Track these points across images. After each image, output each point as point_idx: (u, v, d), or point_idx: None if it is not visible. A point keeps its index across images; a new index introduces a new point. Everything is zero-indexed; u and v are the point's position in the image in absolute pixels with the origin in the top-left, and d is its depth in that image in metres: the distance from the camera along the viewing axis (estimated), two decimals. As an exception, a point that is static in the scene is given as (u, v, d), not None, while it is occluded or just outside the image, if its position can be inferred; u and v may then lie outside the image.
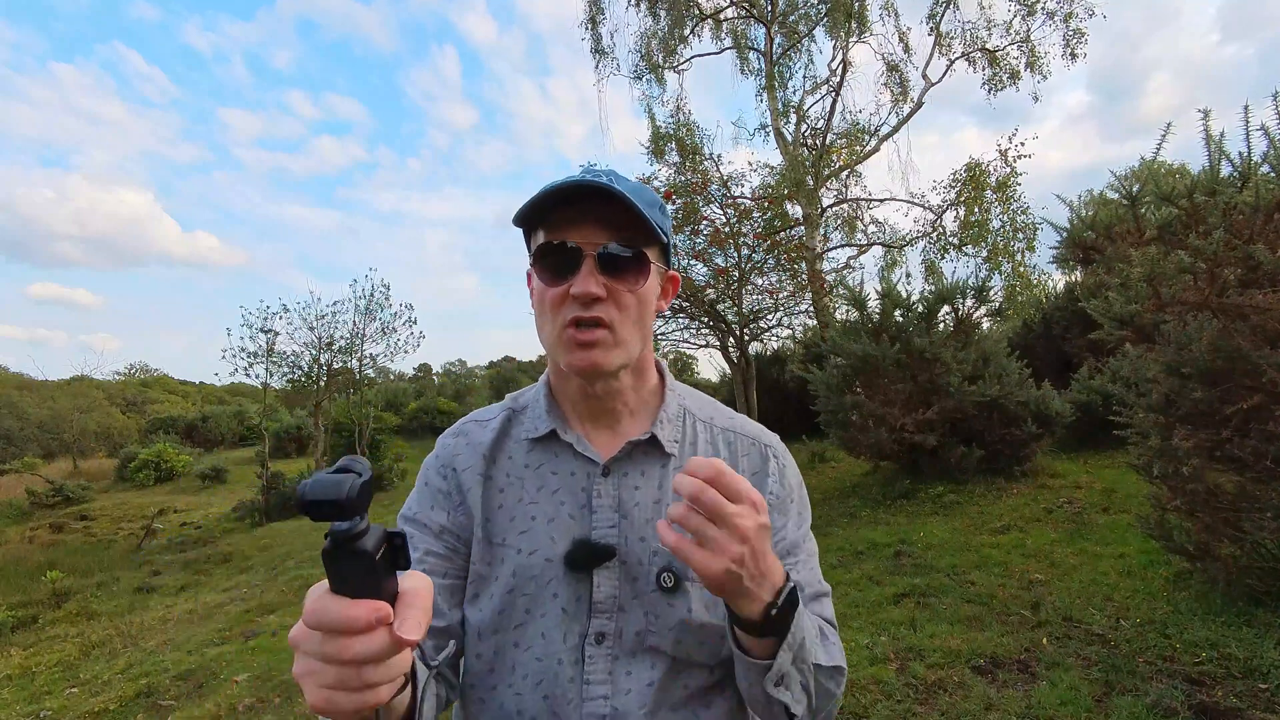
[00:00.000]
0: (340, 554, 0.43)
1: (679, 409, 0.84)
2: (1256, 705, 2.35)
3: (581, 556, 0.73)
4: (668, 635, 0.72)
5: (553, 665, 0.71)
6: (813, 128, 14.53)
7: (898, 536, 5.03)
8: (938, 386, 6.22)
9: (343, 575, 0.44)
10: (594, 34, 14.67)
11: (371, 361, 15.88)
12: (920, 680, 2.84)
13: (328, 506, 0.41)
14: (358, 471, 0.43)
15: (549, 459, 0.79)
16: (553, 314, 0.74)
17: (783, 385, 11.83)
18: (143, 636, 5.62)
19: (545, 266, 0.73)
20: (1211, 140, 3.02)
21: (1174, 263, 2.94)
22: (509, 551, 0.75)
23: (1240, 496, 2.95)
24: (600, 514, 0.75)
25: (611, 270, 0.72)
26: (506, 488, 0.79)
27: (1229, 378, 2.88)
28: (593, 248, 0.71)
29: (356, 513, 0.42)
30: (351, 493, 0.41)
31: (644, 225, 0.71)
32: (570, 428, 0.80)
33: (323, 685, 0.45)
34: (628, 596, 0.73)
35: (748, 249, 11.14)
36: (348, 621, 0.43)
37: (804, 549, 0.83)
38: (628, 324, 0.74)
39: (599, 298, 0.71)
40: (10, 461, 22.96)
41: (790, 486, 0.84)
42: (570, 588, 0.73)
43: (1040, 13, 12.54)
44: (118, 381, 40.30)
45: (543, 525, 0.76)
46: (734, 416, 0.88)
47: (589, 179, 0.69)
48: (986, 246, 12.64)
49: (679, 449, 0.80)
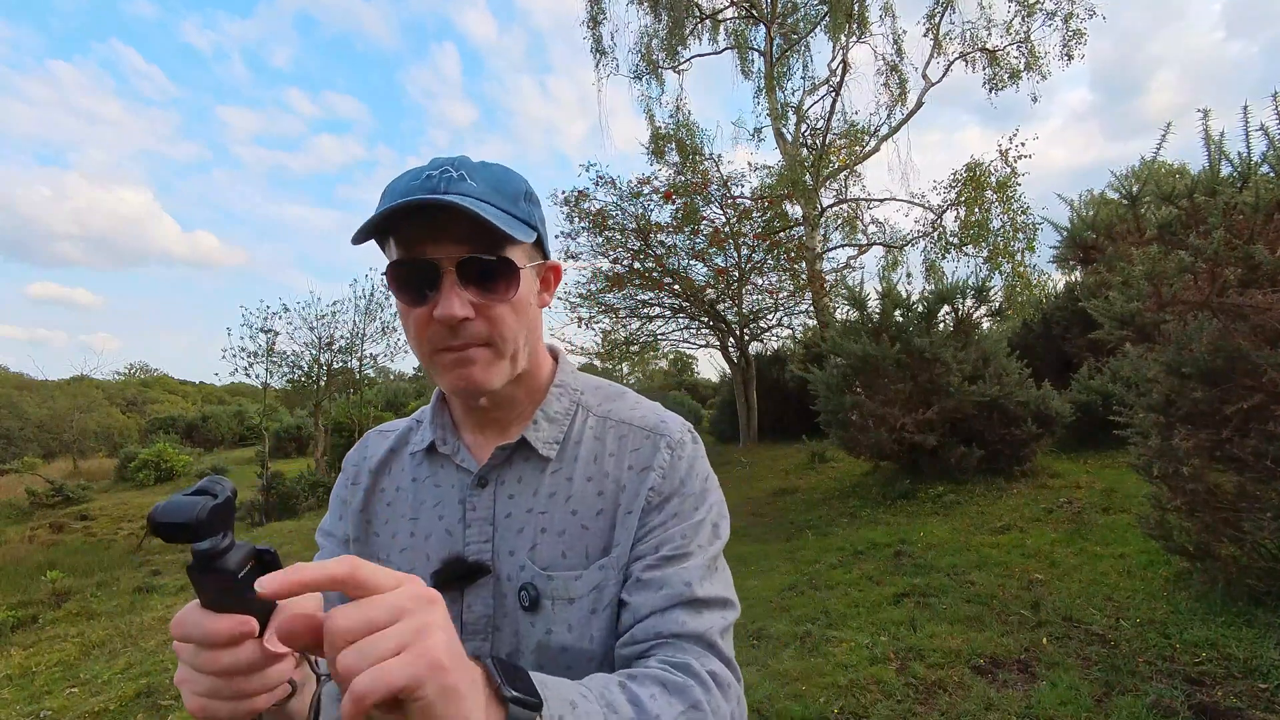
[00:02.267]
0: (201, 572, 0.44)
1: (569, 405, 0.76)
2: (1256, 705, 2.35)
3: (451, 575, 0.68)
4: (530, 658, 0.67)
5: None
6: (812, 128, 14.54)
7: (898, 536, 5.03)
8: (938, 386, 6.22)
9: (206, 591, 0.45)
10: (594, 33, 14.69)
11: (372, 361, 15.89)
12: (920, 680, 2.84)
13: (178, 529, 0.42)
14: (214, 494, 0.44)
15: (434, 472, 0.75)
16: (418, 337, 0.66)
17: (783, 385, 11.82)
18: (143, 636, 5.62)
19: (401, 285, 0.65)
20: (1211, 140, 3.02)
21: (1174, 262, 2.94)
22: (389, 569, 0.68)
23: (1240, 496, 2.95)
24: (474, 528, 0.71)
25: (477, 282, 0.64)
26: (394, 501, 0.75)
27: (1229, 378, 2.88)
28: (451, 261, 0.63)
29: (211, 534, 0.43)
30: (201, 515, 0.42)
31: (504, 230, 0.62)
32: (459, 437, 0.76)
33: (197, 694, 0.46)
34: (501, 615, 0.68)
35: (748, 249, 11.15)
36: (209, 635, 0.44)
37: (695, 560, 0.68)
38: (506, 336, 0.67)
39: (466, 318, 0.63)
40: (10, 461, 22.96)
41: (678, 481, 0.71)
42: None
43: (1040, 13, 12.55)
44: (118, 381, 40.30)
45: (420, 542, 0.72)
46: (640, 404, 0.78)
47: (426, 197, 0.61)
48: (987, 246, 12.64)
49: (559, 450, 0.73)
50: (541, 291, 0.75)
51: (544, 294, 0.75)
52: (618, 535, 0.69)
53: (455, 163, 0.66)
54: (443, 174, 0.64)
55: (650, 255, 11.39)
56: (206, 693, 0.46)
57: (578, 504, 0.71)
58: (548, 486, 0.71)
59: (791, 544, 5.52)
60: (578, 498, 0.71)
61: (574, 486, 0.71)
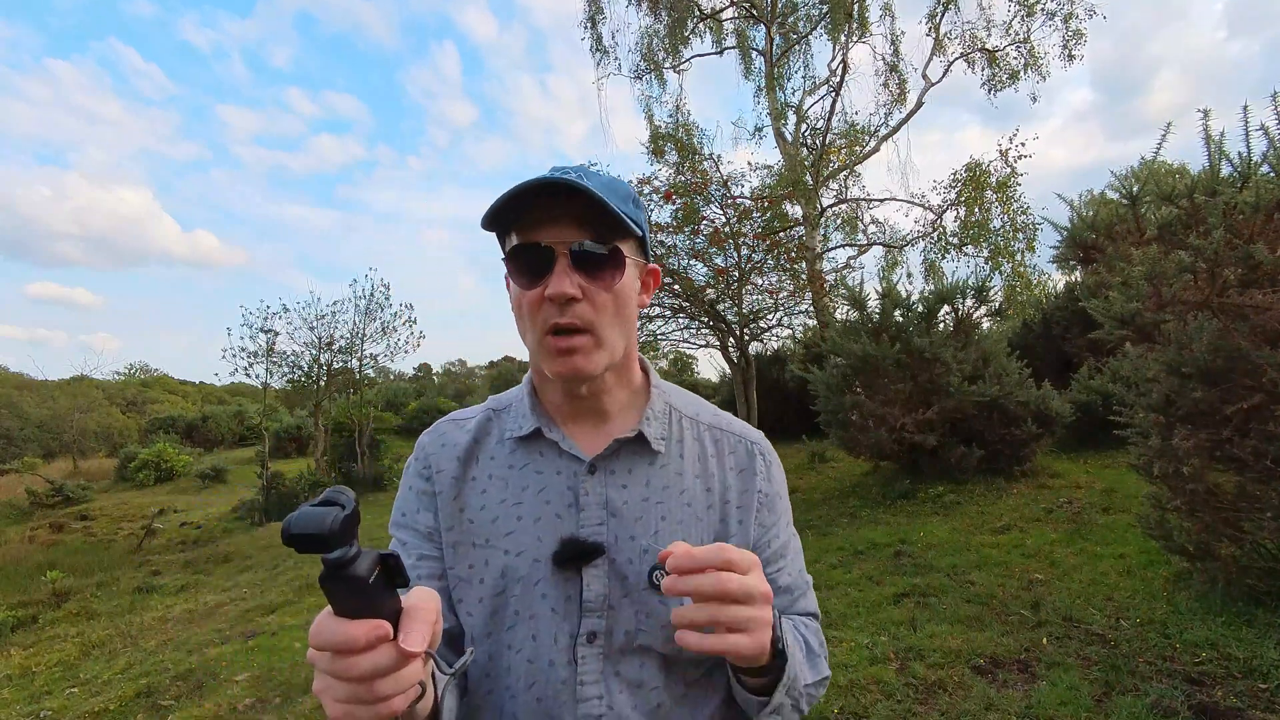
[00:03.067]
0: (334, 581, 0.45)
1: (665, 406, 0.83)
2: (1256, 705, 2.35)
3: (569, 555, 0.72)
4: (659, 634, 0.72)
5: (544, 667, 0.71)
6: (812, 128, 14.54)
7: (898, 536, 5.03)
8: (938, 386, 6.22)
9: (340, 600, 0.46)
10: (594, 33, 14.69)
11: (372, 361, 15.89)
12: (920, 680, 2.84)
13: (312, 541, 0.43)
14: (341, 504, 0.45)
15: (533, 458, 0.78)
16: (531, 318, 0.73)
17: (783, 385, 11.82)
18: (143, 636, 5.62)
19: (519, 269, 0.72)
20: (1211, 140, 3.02)
21: (1174, 262, 2.94)
22: (494, 553, 0.74)
23: (1240, 496, 2.95)
24: (588, 512, 0.75)
25: (586, 268, 0.70)
26: (489, 488, 0.78)
27: (1229, 377, 2.88)
28: (565, 246, 0.70)
29: (342, 544, 0.44)
30: (334, 526, 0.43)
31: (617, 220, 0.70)
32: (555, 426, 0.79)
33: (338, 700, 0.48)
34: (618, 595, 0.73)
35: (748, 249, 11.14)
36: (347, 641, 0.45)
37: (792, 547, 0.85)
38: (607, 324, 0.73)
39: (575, 298, 0.69)
40: (10, 461, 22.96)
41: (777, 484, 0.84)
42: (559, 588, 0.72)
43: (1040, 13, 12.55)
44: (118, 381, 40.28)
45: (529, 525, 0.75)
46: (719, 414, 0.88)
47: (555, 176, 0.68)
48: (986, 246, 12.65)
49: (666, 446, 0.80)
50: (641, 292, 0.80)
51: (643, 294, 0.81)
52: (731, 528, 0.80)
53: (575, 168, 0.73)
54: (564, 172, 0.70)
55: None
56: (347, 698, 0.48)
57: (690, 497, 0.79)
58: (659, 479, 0.78)
59: (791, 544, 5.51)
60: (690, 491, 0.79)
61: (685, 481, 0.79)
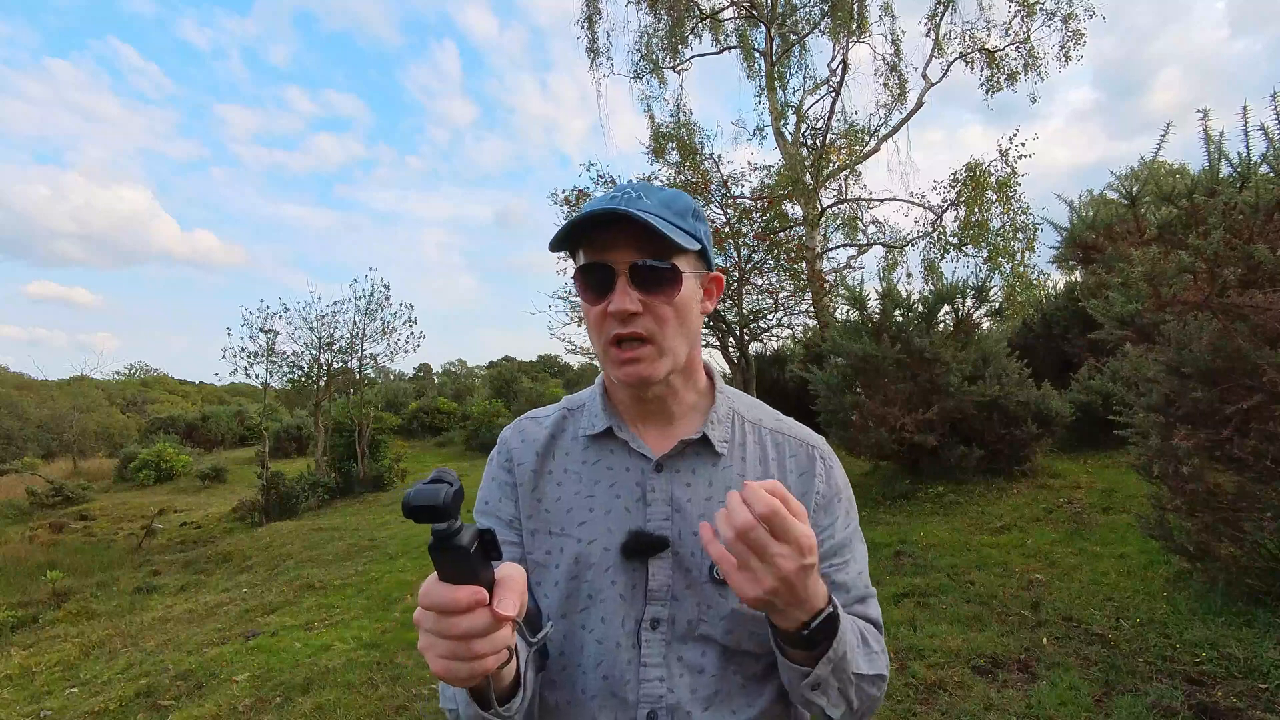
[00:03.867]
0: (441, 549, 0.51)
1: (728, 411, 0.88)
2: (1256, 705, 2.35)
3: (637, 546, 0.78)
4: (719, 624, 0.77)
5: (611, 648, 0.77)
6: (812, 128, 14.54)
7: (898, 536, 5.03)
8: (938, 386, 6.22)
9: (445, 567, 0.53)
10: (590, 33, 14.68)
11: (372, 361, 15.87)
12: (920, 680, 2.84)
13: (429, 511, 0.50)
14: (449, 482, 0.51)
15: (605, 455, 0.84)
16: (597, 331, 0.79)
17: (783, 385, 11.81)
18: (143, 636, 5.61)
19: (585, 286, 0.78)
20: (1211, 140, 3.02)
21: (1174, 262, 2.94)
22: (569, 541, 0.81)
23: (1240, 496, 2.95)
24: (654, 507, 0.80)
25: (645, 285, 0.76)
26: (564, 481, 0.84)
27: (1229, 378, 2.88)
28: (625, 265, 0.75)
29: (451, 516, 0.51)
30: (447, 499, 0.50)
31: (672, 239, 0.74)
32: (625, 426, 0.84)
33: (440, 656, 0.54)
34: (681, 586, 0.78)
35: (748, 249, 11.14)
36: (451, 602, 0.52)
37: (851, 549, 0.86)
38: (669, 333, 0.77)
39: (635, 313, 0.75)
40: (10, 461, 22.95)
41: (837, 486, 0.87)
42: (627, 575, 0.78)
43: (1040, 13, 12.55)
44: (118, 381, 40.29)
45: (600, 516, 0.81)
46: (781, 419, 0.91)
47: (612, 206, 0.73)
48: (986, 247, 12.64)
49: (729, 449, 0.84)
50: (704, 299, 0.84)
51: (706, 301, 0.85)
52: None
53: (636, 186, 0.79)
54: (624, 194, 0.77)
55: (650, 255, 11.33)
56: (448, 654, 0.54)
57: None
58: (722, 479, 0.82)
59: (791, 544, 5.51)
60: None
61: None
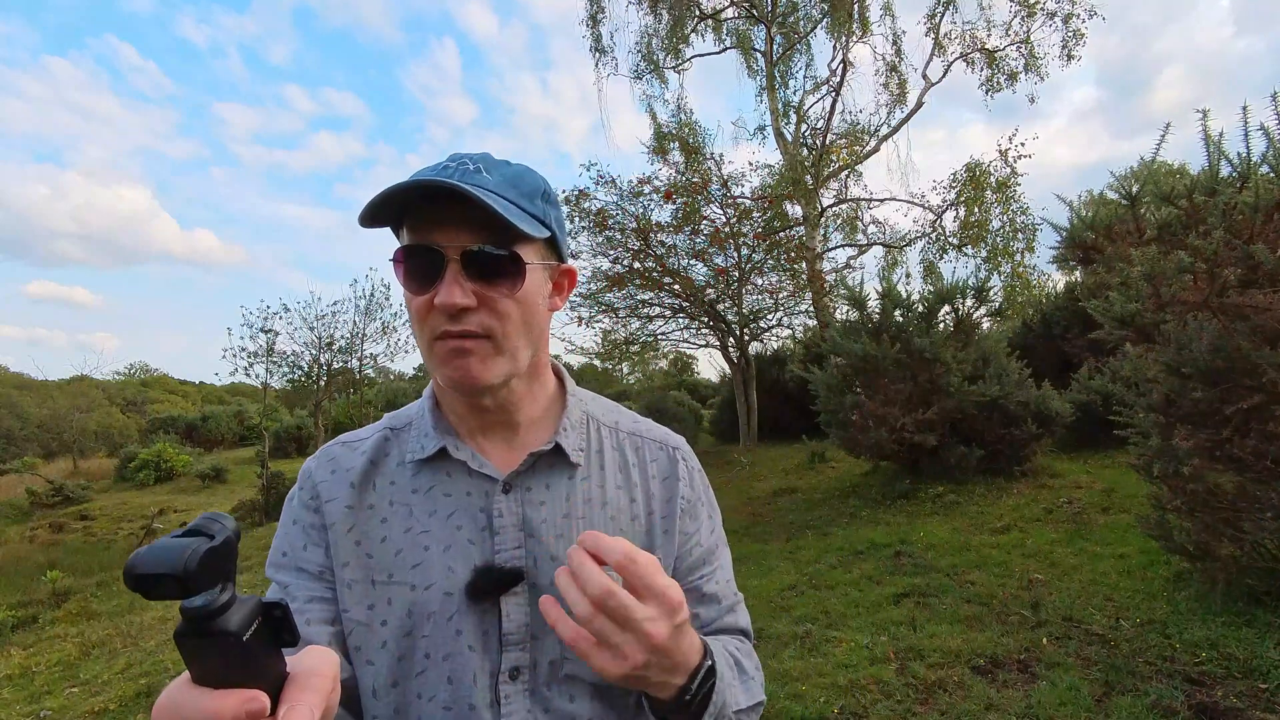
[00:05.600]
0: (196, 635, 0.35)
1: (582, 415, 0.78)
2: (1256, 705, 2.35)
3: (486, 584, 0.66)
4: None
5: (464, 712, 0.64)
6: (812, 128, 14.54)
7: (898, 536, 5.03)
8: (938, 386, 6.22)
9: (203, 662, 0.36)
10: (594, 32, 14.69)
11: (372, 361, 15.87)
12: (920, 680, 2.84)
13: (164, 581, 0.33)
14: (209, 533, 0.36)
15: (439, 480, 0.71)
16: (419, 325, 0.66)
17: (783, 385, 11.82)
18: (143, 636, 5.61)
19: (407, 272, 0.65)
20: (1211, 140, 3.02)
21: (1174, 262, 2.94)
22: (399, 589, 0.66)
23: (1240, 496, 2.95)
24: (504, 535, 0.68)
25: (482, 275, 0.63)
26: (390, 517, 0.69)
27: (1229, 378, 2.87)
28: (456, 250, 0.62)
29: (206, 586, 0.35)
30: (191, 565, 0.33)
31: (513, 223, 0.62)
32: (462, 443, 0.72)
33: None
34: (540, 623, 0.66)
35: (748, 249, 11.15)
36: (209, 717, 0.36)
37: (718, 555, 0.80)
38: (510, 331, 0.66)
39: (466, 307, 0.63)
40: (10, 461, 22.95)
41: (699, 489, 0.80)
42: (475, 621, 0.66)
43: (1040, 13, 12.54)
44: (118, 381, 40.27)
45: (438, 555, 0.67)
46: (639, 420, 0.83)
47: (442, 179, 0.61)
48: (986, 247, 12.64)
49: (585, 458, 0.75)
50: (553, 295, 0.74)
51: (555, 297, 0.74)
52: (658, 539, 0.75)
53: (475, 157, 0.67)
54: (459, 166, 0.65)
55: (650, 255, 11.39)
56: None
57: (614, 510, 0.74)
58: (581, 493, 0.73)
59: (791, 544, 5.52)
60: (613, 504, 0.74)
61: (607, 493, 0.75)
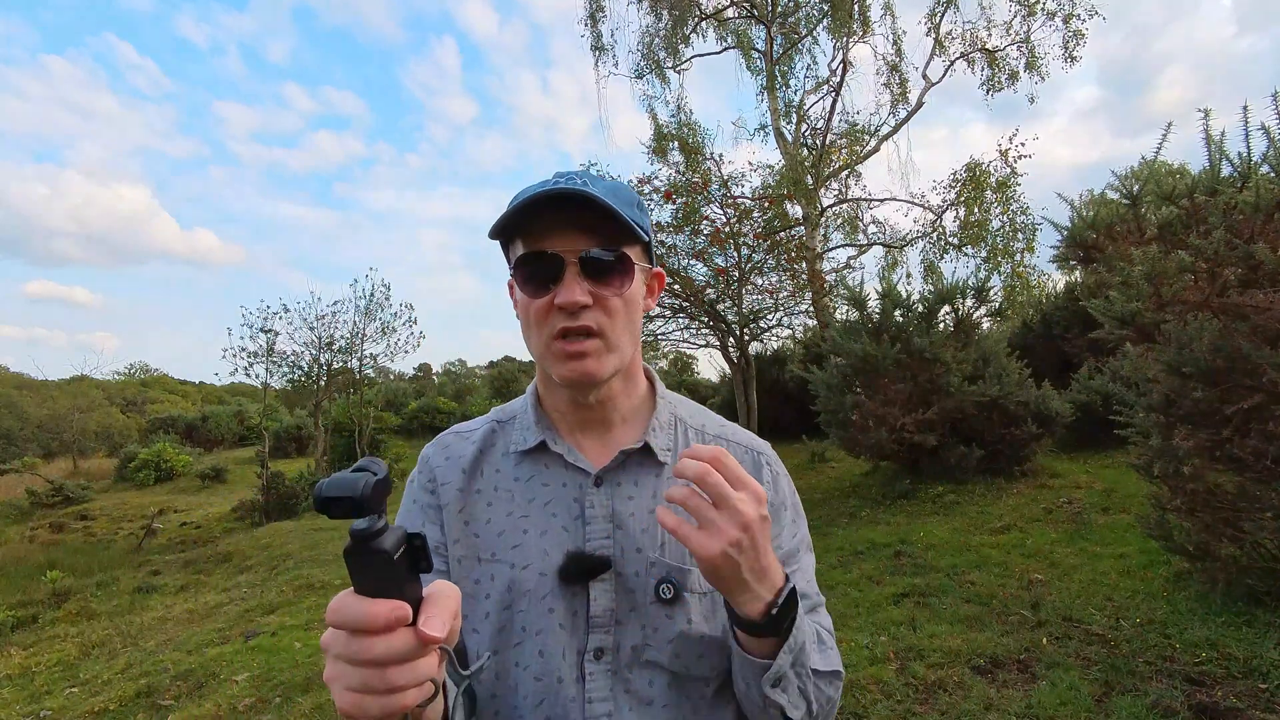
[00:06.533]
0: (359, 552, 0.43)
1: (670, 417, 0.83)
2: (1256, 705, 2.35)
3: (576, 569, 0.71)
4: (666, 649, 0.71)
5: (553, 684, 0.70)
6: (813, 128, 14.53)
7: (898, 536, 5.03)
8: (938, 386, 6.22)
9: (363, 574, 0.44)
10: (594, 31, 14.67)
11: (372, 361, 15.90)
12: (920, 680, 2.84)
13: (344, 503, 0.42)
14: (373, 471, 0.44)
15: (539, 471, 0.77)
16: (539, 326, 0.72)
17: (783, 385, 11.82)
18: (143, 636, 5.61)
19: (527, 278, 0.71)
20: (1211, 140, 3.02)
21: (1174, 262, 2.94)
22: (501, 567, 0.73)
23: (1240, 496, 2.95)
24: (594, 525, 0.74)
25: (595, 275, 0.70)
26: (495, 501, 0.77)
27: (1229, 378, 2.87)
28: (574, 254, 0.69)
29: (372, 510, 0.43)
30: (366, 490, 0.42)
31: (623, 226, 0.69)
32: (560, 438, 0.78)
33: (349, 688, 0.45)
34: (625, 610, 0.72)
35: (748, 249, 11.14)
36: (367, 619, 0.43)
37: (800, 559, 0.82)
38: (618, 328, 0.72)
39: (586, 305, 0.69)
40: (10, 461, 22.95)
41: (784, 494, 0.83)
42: (566, 602, 0.71)
43: (1040, 13, 12.54)
44: (118, 381, 40.27)
45: (535, 538, 0.74)
46: (725, 424, 0.87)
47: (562, 185, 0.68)
48: (986, 247, 12.64)
49: (672, 457, 0.79)
50: (646, 296, 0.80)
51: (648, 298, 0.80)
52: None
53: (579, 173, 0.73)
54: (569, 179, 0.71)
55: (650, 255, 11.35)
56: (359, 686, 0.45)
57: None
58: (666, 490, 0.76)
59: (791, 544, 5.51)
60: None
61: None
